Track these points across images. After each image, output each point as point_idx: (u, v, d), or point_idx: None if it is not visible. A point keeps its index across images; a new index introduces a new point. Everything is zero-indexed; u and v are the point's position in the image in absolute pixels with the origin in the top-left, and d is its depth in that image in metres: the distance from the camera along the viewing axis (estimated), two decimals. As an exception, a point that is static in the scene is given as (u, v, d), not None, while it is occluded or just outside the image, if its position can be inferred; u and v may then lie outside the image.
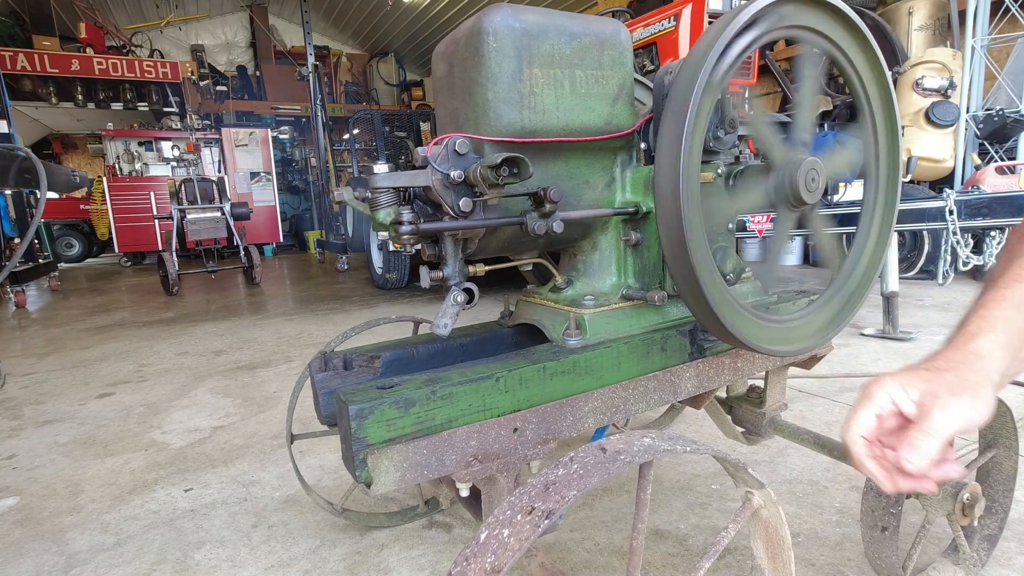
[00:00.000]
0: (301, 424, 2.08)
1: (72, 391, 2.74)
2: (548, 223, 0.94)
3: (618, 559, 1.27)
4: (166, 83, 9.33)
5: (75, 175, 6.30)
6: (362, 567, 1.30)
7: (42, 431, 2.23)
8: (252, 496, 1.64)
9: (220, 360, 3.18)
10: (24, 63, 8.12)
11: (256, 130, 9.88)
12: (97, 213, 9.40)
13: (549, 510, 0.50)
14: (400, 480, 0.79)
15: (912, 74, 4.68)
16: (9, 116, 5.90)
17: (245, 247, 6.17)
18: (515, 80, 0.91)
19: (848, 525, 1.35)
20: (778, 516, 0.67)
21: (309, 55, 8.59)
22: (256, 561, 1.34)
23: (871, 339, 2.93)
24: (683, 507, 1.46)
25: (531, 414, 0.90)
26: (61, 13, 8.82)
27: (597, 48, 0.99)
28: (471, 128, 0.95)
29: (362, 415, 0.77)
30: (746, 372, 1.20)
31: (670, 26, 3.18)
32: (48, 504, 1.66)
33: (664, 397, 1.07)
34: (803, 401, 2.13)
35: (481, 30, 0.89)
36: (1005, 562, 1.20)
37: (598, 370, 0.98)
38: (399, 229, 0.85)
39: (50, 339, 3.95)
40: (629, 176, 1.10)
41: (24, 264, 5.55)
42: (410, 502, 1.57)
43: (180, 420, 2.29)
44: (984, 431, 1.17)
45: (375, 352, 1.09)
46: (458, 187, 0.88)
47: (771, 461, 1.67)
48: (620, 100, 1.03)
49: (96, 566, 1.35)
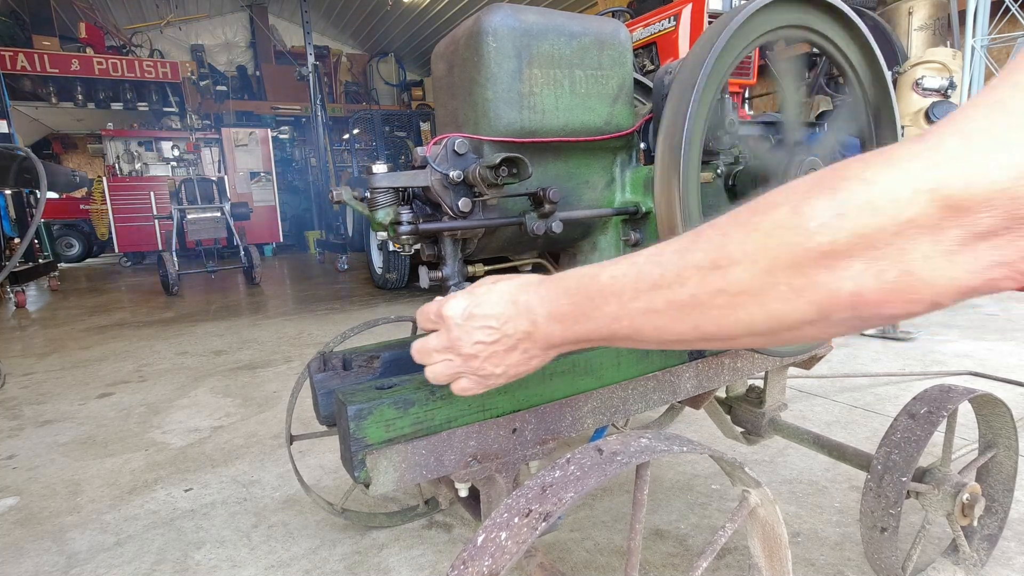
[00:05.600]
0: (301, 424, 2.08)
1: (72, 391, 2.74)
2: (547, 223, 0.94)
3: (618, 559, 1.27)
4: (166, 83, 9.34)
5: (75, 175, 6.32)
6: (362, 567, 1.30)
7: (42, 431, 2.23)
8: (252, 496, 1.64)
9: (220, 360, 3.18)
10: (24, 63, 8.12)
11: (256, 130, 9.88)
12: (97, 213, 9.40)
13: (546, 512, 0.50)
14: (399, 480, 0.79)
15: (912, 74, 4.68)
16: (9, 116, 5.90)
17: (245, 247, 6.16)
18: (515, 80, 0.91)
19: (848, 525, 1.35)
20: (775, 515, 0.67)
21: (309, 55, 8.60)
22: (256, 561, 1.34)
23: (871, 339, 2.93)
24: (683, 507, 1.46)
25: (530, 414, 0.90)
26: (61, 13, 8.83)
27: (597, 48, 0.99)
28: (471, 128, 0.95)
29: (361, 415, 0.77)
30: (746, 372, 1.19)
31: (670, 26, 3.18)
32: (48, 504, 1.66)
33: (663, 397, 1.07)
34: (803, 401, 2.13)
35: (481, 30, 0.89)
36: (1005, 562, 1.20)
37: (597, 370, 0.98)
38: (398, 229, 0.85)
39: (50, 339, 3.95)
40: (629, 176, 1.10)
41: (24, 264, 5.55)
42: (410, 502, 1.57)
43: (180, 420, 2.29)
44: (984, 431, 1.17)
45: (374, 352, 1.09)
46: (457, 187, 0.88)
47: (771, 461, 1.67)
48: (620, 100, 1.03)
49: (96, 566, 1.35)
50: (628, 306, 0.48)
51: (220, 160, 9.67)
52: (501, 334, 0.59)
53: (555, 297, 0.56)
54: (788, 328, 0.41)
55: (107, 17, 10.06)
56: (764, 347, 0.45)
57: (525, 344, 0.59)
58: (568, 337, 0.55)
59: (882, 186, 0.34)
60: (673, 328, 0.46)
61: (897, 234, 0.34)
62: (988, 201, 0.31)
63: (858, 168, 0.36)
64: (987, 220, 0.31)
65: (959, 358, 2.57)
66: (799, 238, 0.37)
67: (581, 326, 0.53)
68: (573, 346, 0.57)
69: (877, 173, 0.35)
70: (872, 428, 1.87)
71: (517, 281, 0.60)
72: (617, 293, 0.49)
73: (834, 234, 0.36)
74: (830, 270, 0.37)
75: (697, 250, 0.44)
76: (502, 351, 0.60)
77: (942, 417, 1.01)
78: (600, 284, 0.51)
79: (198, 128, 9.61)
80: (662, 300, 0.46)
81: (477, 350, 0.60)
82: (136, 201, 8.82)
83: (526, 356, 0.60)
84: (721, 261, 0.42)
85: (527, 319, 0.57)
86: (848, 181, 0.36)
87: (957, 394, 1.05)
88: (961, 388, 1.07)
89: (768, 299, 0.40)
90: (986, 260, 0.32)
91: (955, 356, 2.60)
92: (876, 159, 0.35)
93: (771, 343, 0.44)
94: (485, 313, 0.59)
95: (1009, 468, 1.17)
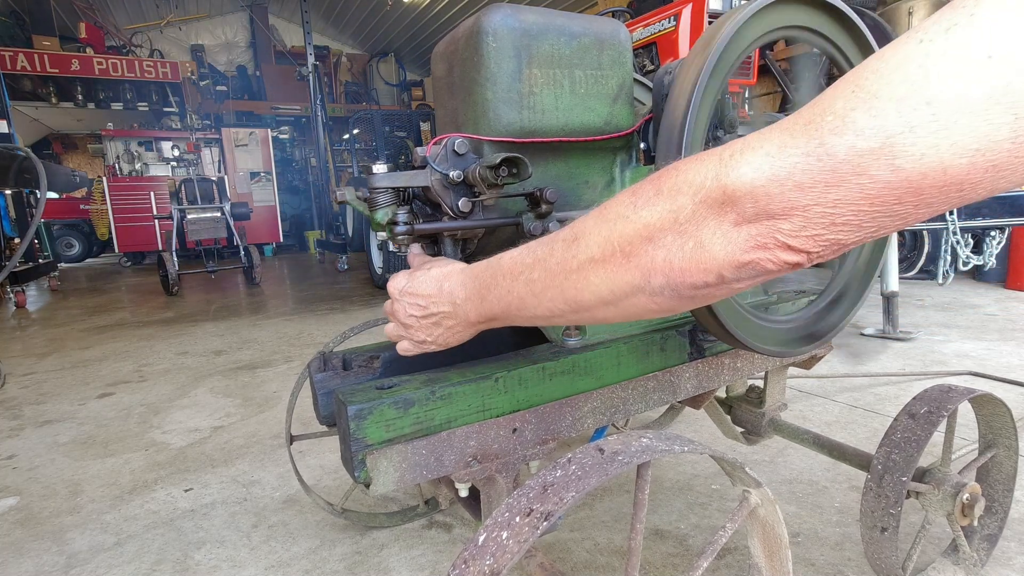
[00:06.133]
0: (301, 424, 2.08)
1: (72, 391, 2.74)
2: (544, 223, 0.94)
3: (618, 559, 1.27)
4: (166, 83, 9.34)
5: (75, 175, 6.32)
6: (362, 567, 1.30)
7: (42, 431, 2.23)
8: (252, 496, 1.64)
9: (220, 360, 3.18)
10: (24, 63, 8.12)
11: (256, 130, 9.88)
12: (97, 213, 9.40)
13: (547, 512, 0.50)
14: (399, 480, 0.79)
15: (912, 74, 4.67)
16: (9, 116, 5.89)
17: (245, 247, 6.16)
18: (514, 80, 0.91)
19: (848, 525, 1.35)
20: (775, 515, 0.67)
21: (309, 55, 8.59)
22: (256, 561, 1.34)
23: (871, 339, 2.93)
24: (683, 507, 1.46)
25: (530, 414, 0.90)
26: (61, 13, 8.82)
27: (596, 48, 0.99)
28: (470, 128, 0.95)
29: (361, 415, 0.77)
30: (746, 372, 1.19)
31: (670, 26, 3.18)
32: (48, 504, 1.66)
33: (664, 397, 1.07)
34: (803, 401, 2.13)
35: (480, 30, 0.89)
36: (1005, 562, 1.20)
37: (597, 370, 0.98)
38: (394, 229, 0.85)
39: (50, 339, 3.95)
40: (628, 176, 1.10)
41: (24, 264, 5.54)
42: (410, 502, 1.57)
43: (180, 420, 2.29)
44: (984, 431, 1.17)
45: (374, 352, 1.09)
46: (457, 187, 0.88)
47: (771, 461, 1.67)
48: (619, 100, 1.03)
49: (96, 566, 1.35)
50: (517, 279, 0.58)
51: (220, 160, 9.67)
52: (428, 312, 0.72)
53: (469, 281, 0.67)
54: (625, 295, 0.49)
55: (107, 17, 10.06)
56: (616, 319, 0.52)
57: (448, 321, 0.71)
58: (483, 313, 0.65)
59: (687, 174, 0.43)
60: (546, 295, 0.55)
61: (694, 212, 0.42)
62: (749, 194, 0.38)
63: (679, 162, 0.44)
64: (750, 209, 0.39)
65: (959, 358, 2.57)
66: (629, 212, 0.46)
67: (487, 304, 0.63)
68: (490, 322, 0.67)
69: (687, 165, 0.43)
70: (872, 428, 1.87)
71: (447, 269, 0.72)
72: (511, 272, 0.59)
73: (651, 209, 0.44)
74: (650, 241, 0.45)
75: (567, 229, 0.53)
76: (429, 324, 0.73)
77: (942, 417, 1.01)
78: (501, 266, 0.61)
79: (198, 128, 9.60)
80: (540, 271, 0.55)
81: (411, 321, 0.74)
82: (136, 201, 8.81)
83: (451, 331, 0.72)
84: (579, 235, 0.51)
85: (449, 302, 0.69)
86: (669, 170, 0.45)
87: (957, 394, 1.05)
88: (961, 388, 1.07)
89: (608, 266, 0.48)
90: (752, 242, 0.40)
91: (955, 356, 2.60)
92: (692, 157, 0.44)
93: (618, 315, 0.52)
94: (416, 292, 0.73)
95: (1009, 468, 1.17)
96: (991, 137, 0.31)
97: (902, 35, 0.35)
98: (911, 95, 0.32)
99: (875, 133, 0.33)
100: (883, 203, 0.35)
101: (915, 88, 0.32)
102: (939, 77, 0.31)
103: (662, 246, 0.44)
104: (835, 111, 0.35)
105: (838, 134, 0.34)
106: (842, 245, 0.38)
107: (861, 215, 0.36)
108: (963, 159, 0.31)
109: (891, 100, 0.33)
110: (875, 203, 0.35)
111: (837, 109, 0.35)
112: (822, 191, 0.36)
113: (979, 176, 0.32)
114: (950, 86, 0.31)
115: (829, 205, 0.36)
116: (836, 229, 0.37)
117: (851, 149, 0.34)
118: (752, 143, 0.39)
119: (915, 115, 0.32)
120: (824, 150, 0.35)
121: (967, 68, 0.30)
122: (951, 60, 0.31)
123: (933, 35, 0.32)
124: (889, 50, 0.34)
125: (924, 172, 0.32)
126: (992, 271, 4.19)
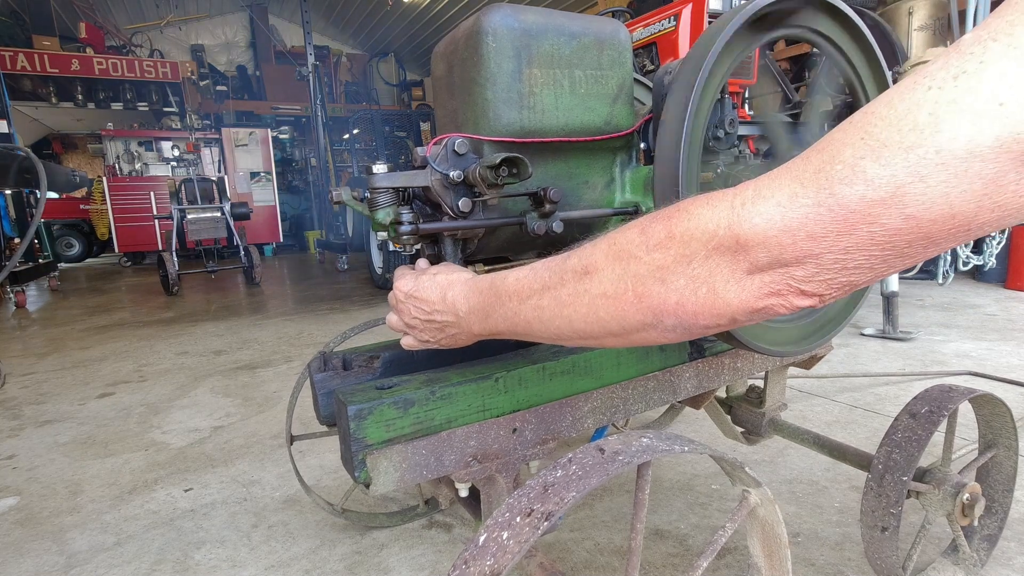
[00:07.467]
0: (301, 424, 2.08)
1: (72, 391, 2.74)
2: (548, 223, 0.94)
3: (618, 559, 1.27)
4: (166, 83, 9.34)
5: (75, 175, 6.32)
6: (362, 567, 1.30)
7: (42, 431, 2.23)
8: (252, 496, 1.64)
9: (220, 360, 3.18)
10: (24, 63, 8.12)
11: (256, 130, 9.88)
12: (97, 213, 9.39)
13: (548, 512, 0.50)
14: (399, 480, 0.79)
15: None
16: (9, 116, 5.89)
17: (245, 247, 6.16)
18: (514, 80, 0.91)
19: (848, 525, 1.35)
20: (775, 515, 0.67)
21: (309, 55, 8.59)
22: (256, 561, 1.34)
23: (871, 339, 2.93)
24: (683, 507, 1.46)
25: (530, 414, 0.90)
26: (61, 13, 8.82)
27: (596, 48, 0.99)
28: (470, 128, 0.95)
29: (361, 415, 0.77)
30: (746, 372, 1.19)
31: (670, 26, 3.17)
32: (48, 504, 1.66)
33: (664, 397, 1.07)
34: (803, 401, 2.13)
35: (480, 30, 0.89)
36: (1005, 562, 1.20)
37: (597, 370, 0.98)
38: (398, 229, 0.85)
39: (50, 339, 3.95)
40: (629, 176, 1.10)
41: (24, 264, 5.55)
42: (410, 502, 1.57)
43: (180, 420, 2.29)
44: (984, 431, 1.17)
45: (374, 352, 1.09)
46: (457, 187, 0.88)
47: (771, 461, 1.67)
48: (620, 100, 1.03)
49: (96, 566, 1.35)
50: (524, 303, 0.59)
51: (220, 160, 9.66)
52: (431, 317, 0.74)
53: (472, 295, 0.68)
54: (635, 330, 0.49)
55: (107, 17, 10.06)
56: (622, 347, 0.55)
57: (451, 330, 0.73)
58: (487, 328, 0.67)
59: (699, 220, 0.43)
60: (554, 323, 0.56)
61: (707, 259, 0.42)
62: (762, 244, 0.39)
63: (689, 204, 0.44)
64: (764, 258, 0.39)
65: (959, 358, 2.57)
66: (641, 253, 0.46)
67: (491, 320, 0.65)
68: (492, 334, 0.68)
69: (698, 209, 0.43)
70: (872, 428, 1.87)
71: (452, 277, 0.74)
72: (517, 293, 0.60)
73: (663, 252, 0.45)
74: (662, 283, 0.45)
75: (576, 258, 0.53)
76: (433, 328, 0.75)
77: (943, 417, 1.01)
78: (506, 285, 0.62)
79: (198, 128, 9.60)
80: (548, 298, 0.56)
81: (415, 322, 0.77)
82: (136, 201, 8.81)
83: (452, 337, 0.75)
84: (590, 268, 0.51)
85: (452, 312, 0.71)
86: (680, 212, 0.44)
87: (958, 394, 1.05)
88: (962, 388, 1.07)
89: (620, 303, 0.48)
90: (765, 289, 0.41)
91: (955, 356, 2.60)
92: (702, 199, 0.44)
93: (625, 344, 0.52)
94: (421, 297, 0.75)
95: (1009, 468, 1.17)
96: (998, 182, 0.31)
97: (908, 79, 0.34)
98: (920, 144, 0.32)
99: (885, 183, 0.33)
100: (894, 248, 0.35)
101: (925, 137, 0.32)
102: (949, 125, 0.31)
103: (675, 290, 0.44)
104: (844, 160, 0.35)
105: (848, 184, 0.35)
106: (854, 286, 0.39)
107: (873, 259, 0.36)
108: (971, 204, 0.32)
109: (900, 149, 0.33)
110: (886, 248, 0.35)
111: (846, 158, 0.35)
112: (834, 240, 0.36)
113: (986, 217, 0.33)
114: (961, 134, 0.31)
115: (841, 252, 0.37)
116: (848, 272, 0.38)
117: (862, 200, 0.34)
118: (763, 191, 0.39)
119: (925, 164, 0.32)
120: (835, 200, 0.35)
121: (977, 117, 0.30)
122: (961, 108, 0.31)
123: (941, 82, 0.32)
124: (896, 96, 0.34)
125: (934, 219, 0.33)
126: (992, 271, 4.19)
